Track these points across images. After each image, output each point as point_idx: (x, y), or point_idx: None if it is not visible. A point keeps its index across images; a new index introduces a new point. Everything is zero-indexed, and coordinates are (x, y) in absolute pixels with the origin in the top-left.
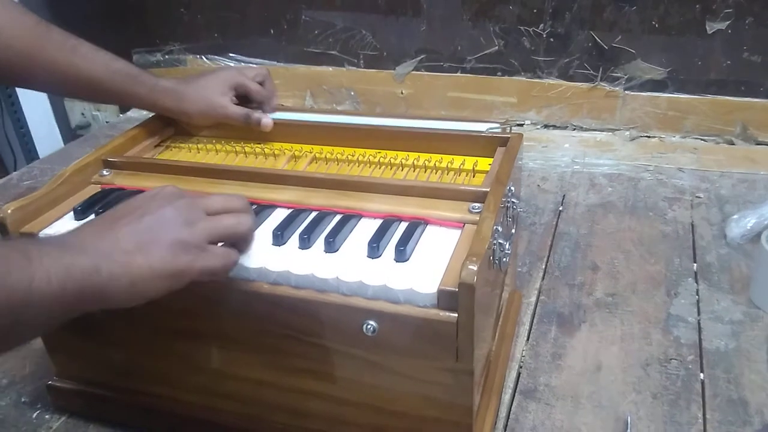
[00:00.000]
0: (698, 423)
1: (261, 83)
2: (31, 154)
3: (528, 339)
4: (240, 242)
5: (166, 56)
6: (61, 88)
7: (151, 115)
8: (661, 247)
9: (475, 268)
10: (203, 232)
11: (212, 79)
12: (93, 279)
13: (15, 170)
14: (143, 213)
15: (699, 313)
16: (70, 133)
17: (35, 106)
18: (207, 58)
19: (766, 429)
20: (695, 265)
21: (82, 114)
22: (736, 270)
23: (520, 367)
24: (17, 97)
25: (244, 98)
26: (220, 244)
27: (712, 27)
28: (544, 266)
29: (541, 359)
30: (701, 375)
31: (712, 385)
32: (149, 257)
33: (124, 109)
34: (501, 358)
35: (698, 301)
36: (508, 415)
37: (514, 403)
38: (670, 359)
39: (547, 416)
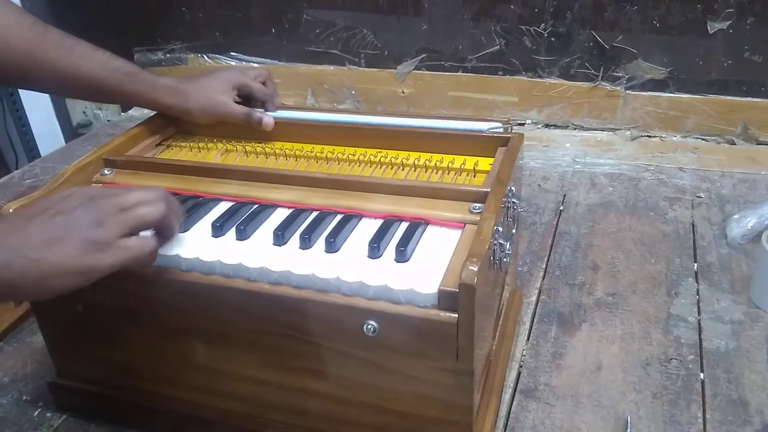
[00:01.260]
0: (698, 423)
1: (263, 84)
2: (32, 152)
3: (528, 338)
4: (163, 230)
5: (168, 55)
6: (61, 88)
7: (152, 113)
8: (661, 247)
9: (476, 269)
10: (113, 228)
11: (214, 79)
12: (4, 273)
13: (16, 169)
14: (55, 212)
15: (699, 313)
16: (71, 131)
17: (37, 104)
18: (208, 57)
19: (766, 429)
20: (696, 264)
21: (84, 112)
22: (736, 270)
23: (521, 367)
24: (19, 95)
25: (246, 99)
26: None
27: (713, 27)
28: (544, 266)
29: (542, 359)
30: (701, 375)
31: (712, 385)
32: (58, 254)
33: (125, 108)
34: (501, 358)
35: (699, 301)
36: (509, 415)
37: (515, 403)
38: (671, 359)
39: (548, 416)
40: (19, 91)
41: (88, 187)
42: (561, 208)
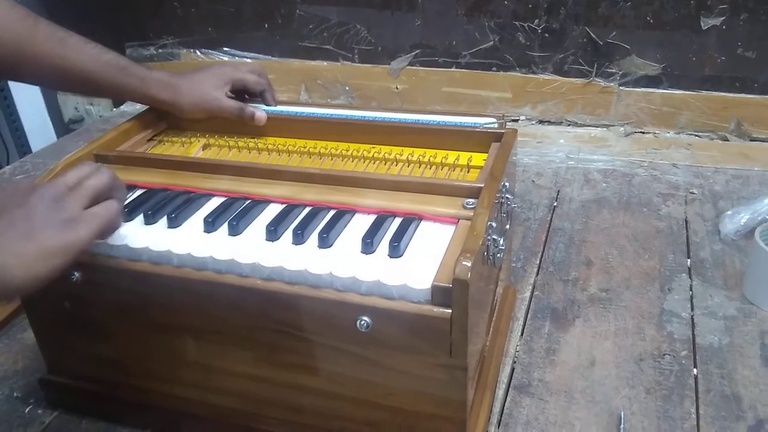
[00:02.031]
0: (691, 418)
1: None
2: (23, 148)
3: (522, 334)
4: (114, 193)
5: (160, 50)
6: (51, 81)
7: (144, 109)
8: (655, 243)
9: (469, 265)
10: (73, 204)
11: (207, 74)
12: None
13: (7, 164)
14: (12, 208)
15: (692, 309)
16: (63, 127)
17: (28, 100)
18: (201, 53)
19: (759, 424)
20: (689, 260)
21: (76, 108)
22: (729, 266)
23: (514, 363)
24: (10, 90)
25: (240, 93)
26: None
27: (706, 23)
28: (538, 262)
29: (535, 354)
30: (694, 370)
31: (705, 381)
32: (38, 240)
33: (117, 103)
34: (495, 354)
35: (692, 297)
36: (502, 410)
37: (508, 399)
38: (664, 354)
39: (541, 411)
40: (10, 85)
41: (15, 183)
42: (555, 204)
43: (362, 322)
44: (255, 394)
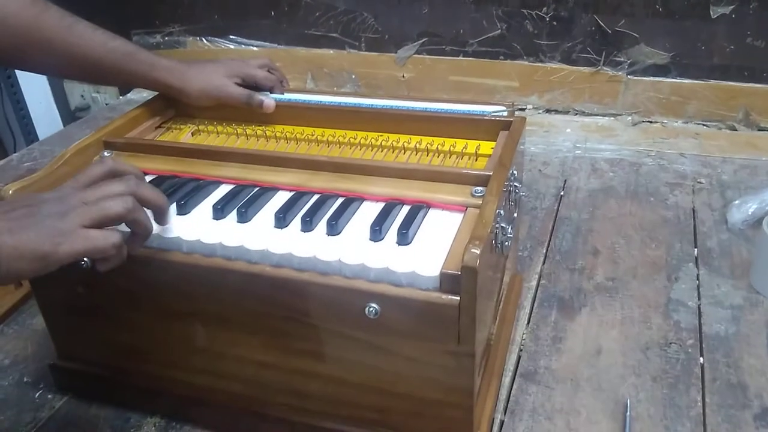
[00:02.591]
0: (697, 406)
1: (268, 72)
2: (30, 136)
3: (528, 323)
4: (130, 225)
5: (166, 38)
6: (59, 68)
7: (151, 96)
8: (662, 232)
9: (478, 252)
10: (74, 219)
11: (216, 64)
12: None
13: (15, 152)
14: (20, 206)
15: (699, 298)
16: (69, 115)
17: (35, 87)
18: (207, 40)
19: (765, 412)
20: (696, 250)
21: (82, 96)
22: (736, 255)
23: (521, 351)
24: (17, 78)
25: (252, 89)
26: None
27: (716, 11)
28: (544, 251)
29: (542, 342)
30: (701, 359)
31: (711, 369)
32: (15, 239)
33: (124, 91)
34: (501, 342)
35: (698, 286)
36: (509, 398)
37: (515, 386)
38: (670, 343)
39: (548, 398)
40: (17, 74)
41: (62, 186)
42: (561, 193)
43: (371, 309)
44: (263, 380)
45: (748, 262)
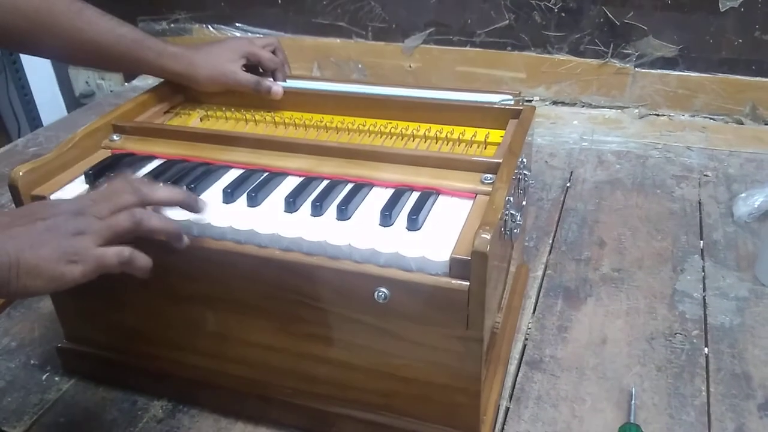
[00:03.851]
0: (702, 395)
1: (272, 53)
2: (35, 121)
3: (534, 312)
4: (143, 235)
5: (172, 25)
6: (66, 53)
7: (158, 82)
8: (668, 224)
9: (489, 237)
10: (90, 238)
11: (222, 47)
12: None
13: (19, 137)
14: (37, 218)
15: (704, 290)
16: (74, 101)
17: (40, 73)
18: (213, 28)
19: None
20: (702, 242)
21: (87, 82)
22: (742, 248)
23: (526, 339)
24: (22, 64)
25: (255, 68)
26: None
27: (724, 4)
28: (551, 241)
29: (547, 332)
30: (705, 349)
31: (716, 360)
32: (35, 256)
33: (129, 78)
34: (507, 330)
35: (704, 278)
36: (514, 385)
37: (520, 374)
38: (675, 334)
39: (553, 386)
40: (22, 59)
41: (75, 198)
42: (568, 184)
43: (380, 294)
44: (271, 363)
45: (753, 254)
